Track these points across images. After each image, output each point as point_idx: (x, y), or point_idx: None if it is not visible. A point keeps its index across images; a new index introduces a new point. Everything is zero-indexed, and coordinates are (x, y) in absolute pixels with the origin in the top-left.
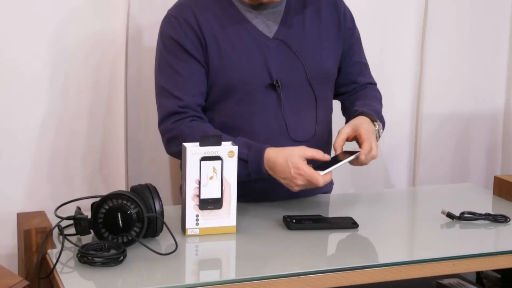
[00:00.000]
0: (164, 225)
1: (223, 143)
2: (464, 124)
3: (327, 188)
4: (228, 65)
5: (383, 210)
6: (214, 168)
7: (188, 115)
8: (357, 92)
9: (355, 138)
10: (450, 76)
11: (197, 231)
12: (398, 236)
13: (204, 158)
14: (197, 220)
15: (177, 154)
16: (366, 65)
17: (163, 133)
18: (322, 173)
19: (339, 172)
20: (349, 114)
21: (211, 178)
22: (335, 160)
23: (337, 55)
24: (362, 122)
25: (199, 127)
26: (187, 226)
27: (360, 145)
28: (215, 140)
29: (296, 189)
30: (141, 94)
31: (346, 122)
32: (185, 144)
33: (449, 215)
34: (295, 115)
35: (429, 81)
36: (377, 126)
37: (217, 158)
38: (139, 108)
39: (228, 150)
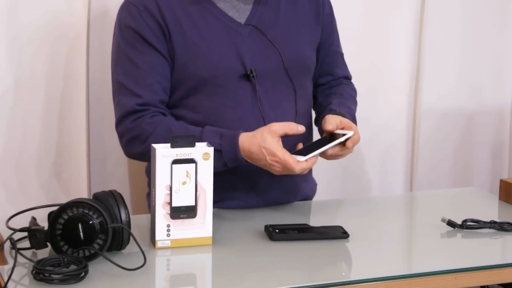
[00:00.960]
0: (131, 237)
1: (197, 144)
2: (466, 121)
3: (309, 188)
4: (195, 55)
5: (376, 218)
6: (187, 172)
7: (148, 113)
8: (332, 86)
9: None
10: (450, 68)
11: (168, 243)
12: (394, 247)
13: (176, 161)
14: (168, 230)
15: (140, 155)
16: (342, 56)
17: (121, 134)
18: (302, 158)
19: (327, 175)
20: (322, 110)
21: (183, 183)
22: (319, 144)
23: (316, 43)
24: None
25: (162, 122)
26: (157, 237)
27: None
28: (188, 141)
29: (277, 173)
30: (105, 88)
31: (317, 118)
32: (154, 145)
33: (450, 223)
34: (273, 108)
35: (427, 74)
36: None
37: (191, 161)
38: (103, 104)
39: (202, 152)
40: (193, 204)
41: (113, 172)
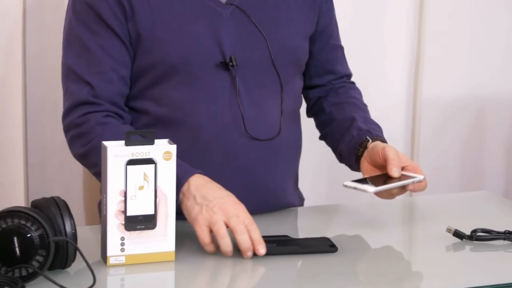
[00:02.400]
0: (77, 253)
1: (157, 141)
2: (476, 113)
3: (294, 201)
4: (165, 37)
5: (369, 229)
6: (145, 174)
7: (102, 109)
8: (336, 90)
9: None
10: (457, 50)
11: (122, 260)
12: (390, 263)
13: (131, 162)
14: (122, 244)
15: (81, 158)
16: (343, 50)
17: (67, 128)
18: (371, 189)
19: (310, 178)
20: (338, 125)
21: (141, 188)
22: (380, 178)
23: (309, 32)
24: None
25: (115, 128)
26: (109, 253)
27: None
28: (146, 137)
29: (202, 221)
30: (45, 80)
31: (327, 134)
32: (105, 143)
33: (457, 234)
34: (255, 105)
35: (429, 58)
36: None
37: (149, 161)
38: (43, 97)
39: (163, 150)
40: (152, 212)
41: (56, 176)
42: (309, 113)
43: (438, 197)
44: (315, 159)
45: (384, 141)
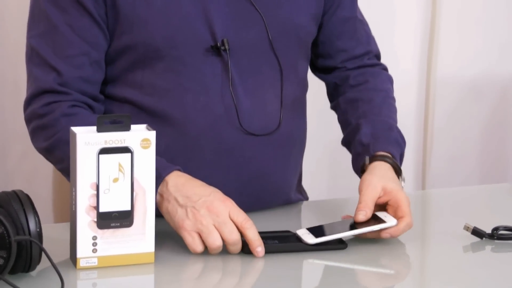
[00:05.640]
0: (43, 254)
1: (133, 127)
2: (498, 94)
3: (296, 199)
4: (146, 16)
5: None
6: (120, 165)
7: (69, 99)
8: (355, 79)
9: (384, 203)
10: (476, 22)
11: (94, 262)
12: (400, 265)
13: (104, 150)
14: (94, 245)
15: (46, 152)
16: (362, 24)
17: (29, 118)
18: (311, 240)
19: (310, 170)
20: (349, 135)
21: (115, 180)
22: (336, 227)
23: (315, 9)
24: (395, 181)
25: (84, 118)
26: (79, 254)
27: (395, 217)
28: (121, 123)
29: (190, 227)
30: (4, 57)
31: (344, 139)
32: (74, 129)
33: (476, 232)
34: (250, 94)
35: (445, 30)
36: (402, 181)
37: (125, 149)
38: (2, 78)
39: (141, 137)
40: (129, 208)
41: (18, 167)
42: (331, 104)
43: (454, 190)
44: (316, 151)
45: (385, 156)
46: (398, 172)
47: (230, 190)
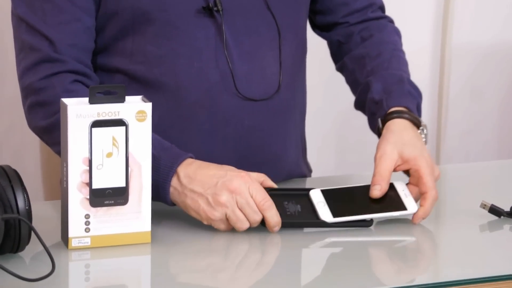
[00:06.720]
0: (32, 233)
1: (128, 98)
2: None
3: (299, 172)
4: None
5: None
6: (114, 139)
7: (67, 69)
8: (359, 34)
9: (406, 169)
10: None
11: (87, 242)
12: (413, 245)
13: (97, 123)
14: (87, 224)
15: (42, 131)
16: None
17: (26, 91)
18: (329, 218)
19: (316, 145)
20: (360, 93)
21: (109, 155)
22: (354, 198)
23: None
24: (413, 144)
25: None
26: (71, 233)
27: (419, 192)
28: (115, 94)
29: (217, 217)
30: None
31: (356, 100)
32: (65, 100)
33: (494, 210)
34: (247, 58)
35: None
36: (424, 130)
37: (119, 122)
38: None
39: (136, 109)
40: (123, 185)
41: (4, 140)
42: (336, 65)
43: (470, 166)
44: (323, 124)
45: (401, 112)
46: (418, 124)
47: (229, 162)
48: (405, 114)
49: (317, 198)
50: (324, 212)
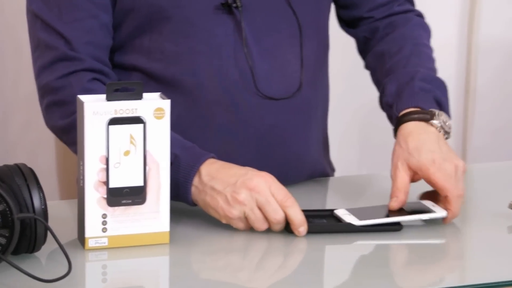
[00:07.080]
0: (48, 233)
1: (145, 95)
2: None
3: (321, 171)
4: None
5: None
6: (131, 136)
7: (84, 67)
8: (384, 30)
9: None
10: None
11: (104, 242)
12: (439, 247)
13: (114, 121)
14: (104, 223)
15: (60, 131)
16: None
17: (43, 90)
18: (355, 221)
19: (338, 144)
20: (380, 93)
21: (126, 153)
22: (380, 211)
23: None
24: (418, 149)
25: None
26: (88, 234)
27: (440, 197)
28: (132, 91)
29: (236, 215)
30: (6, 25)
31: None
32: (81, 97)
33: None
34: (267, 55)
35: None
36: (441, 121)
37: (137, 120)
38: (2, 38)
39: (154, 107)
40: (141, 184)
41: (20, 139)
42: (364, 63)
43: (498, 165)
44: (344, 120)
45: (412, 113)
46: (431, 118)
47: (249, 162)
48: (414, 115)
49: (342, 212)
50: (349, 219)
